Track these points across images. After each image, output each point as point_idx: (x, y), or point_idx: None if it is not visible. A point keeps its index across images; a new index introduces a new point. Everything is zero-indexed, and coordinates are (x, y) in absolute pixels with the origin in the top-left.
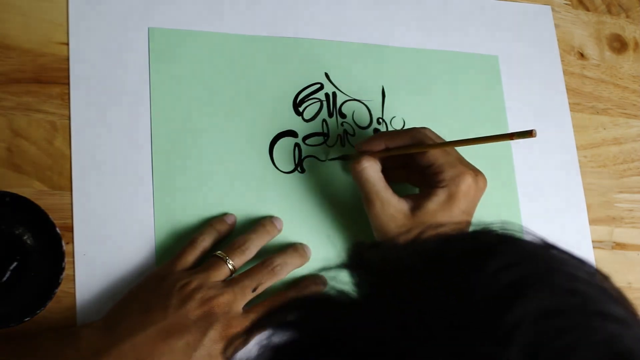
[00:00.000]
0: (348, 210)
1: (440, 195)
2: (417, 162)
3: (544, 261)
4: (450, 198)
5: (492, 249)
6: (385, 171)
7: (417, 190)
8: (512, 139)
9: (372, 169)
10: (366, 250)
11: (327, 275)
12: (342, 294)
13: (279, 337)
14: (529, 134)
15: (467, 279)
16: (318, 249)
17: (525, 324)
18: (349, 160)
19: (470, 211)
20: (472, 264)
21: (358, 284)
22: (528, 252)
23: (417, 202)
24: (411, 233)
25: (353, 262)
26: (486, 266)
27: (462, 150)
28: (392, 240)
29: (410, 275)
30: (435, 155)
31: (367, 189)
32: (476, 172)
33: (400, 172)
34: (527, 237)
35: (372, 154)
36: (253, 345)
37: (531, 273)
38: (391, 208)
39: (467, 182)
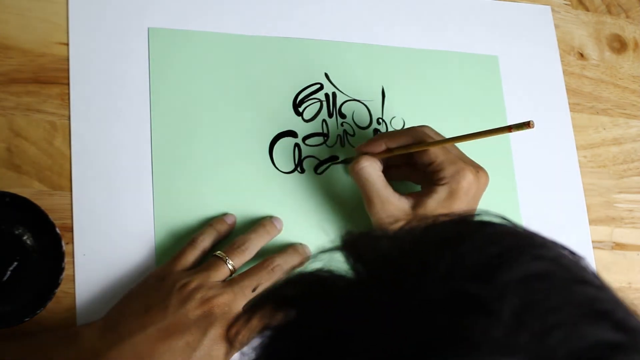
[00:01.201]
0: (348, 210)
1: (440, 193)
2: (417, 160)
3: (525, 238)
4: (451, 195)
5: (476, 230)
6: (388, 170)
7: (419, 188)
8: (510, 131)
9: (371, 167)
10: (357, 237)
11: (323, 257)
12: (337, 274)
13: (278, 317)
14: (526, 125)
15: (456, 253)
16: (318, 249)
17: (514, 285)
18: (348, 165)
19: (473, 208)
20: (457, 243)
21: (352, 266)
22: (509, 231)
23: (417, 200)
24: (398, 223)
25: (346, 246)
26: (473, 242)
27: (462, 148)
28: (381, 229)
29: (399, 257)
30: (436, 153)
31: (366, 188)
32: (477, 169)
33: (403, 170)
34: (507, 223)
35: (372, 155)
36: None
37: (514, 246)
38: (391, 206)
39: (468, 179)
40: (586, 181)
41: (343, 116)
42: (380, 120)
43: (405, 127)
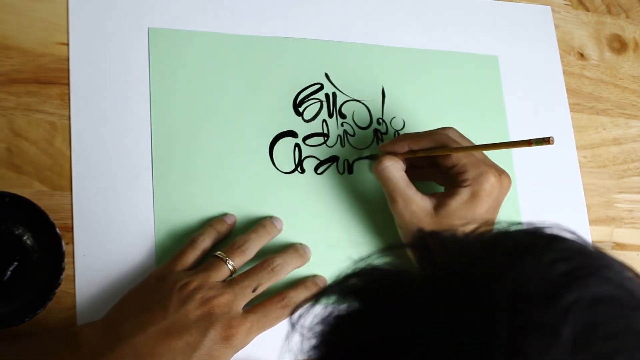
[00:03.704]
0: (348, 210)
1: (463, 195)
2: (441, 163)
3: (594, 257)
4: (474, 197)
5: (548, 243)
6: (412, 169)
7: (442, 189)
8: (530, 146)
9: (393, 167)
10: (428, 236)
11: (391, 254)
12: (405, 271)
13: (343, 306)
14: (545, 141)
15: (525, 266)
16: (318, 249)
17: (579, 307)
18: (373, 161)
19: (494, 210)
20: (530, 254)
21: (420, 264)
22: (580, 248)
23: (440, 201)
24: (468, 227)
25: (416, 244)
26: (543, 257)
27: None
28: (450, 231)
29: (469, 263)
30: (459, 156)
31: (389, 187)
32: (500, 172)
33: (426, 170)
34: (577, 239)
35: (395, 155)
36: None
37: (583, 265)
38: (414, 205)
39: (491, 181)
40: (586, 181)
41: (343, 116)
42: (381, 121)
43: (405, 127)
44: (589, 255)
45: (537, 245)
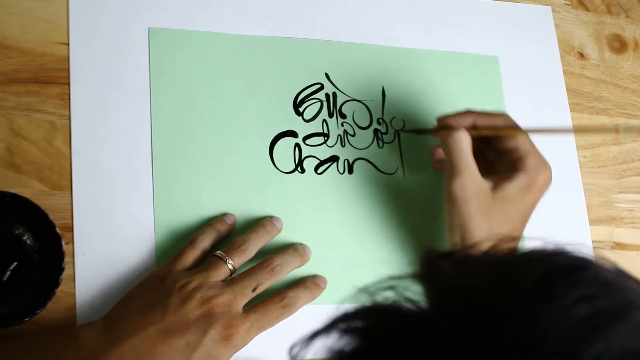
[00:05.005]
0: (348, 210)
1: (521, 179)
2: (502, 145)
3: (620, 293)
4: (529, 185)
5: (569, 276)
6: None
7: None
8: (617, 133)
9: (466, 141)
10: (438, 260)
11: (398, 284)
12: (412, 303)
13: (346, 343)
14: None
15: (543, 307)
16: (318, 249)
17: None
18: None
19: (529, 212)
20: (549, 291)
21: (429, 296)
22: (605, 281)
23: (497, 182)
24: (484, 245)
25: (424, 273)
26: (563, 296)
27: None
28: (464, 251)
29: (484, 292)
30: (524, 141)
31: (459, 158)
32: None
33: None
34: (601, 263)
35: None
36: (319, 348)
37: (609, 307)
38: (475, 183)
39: (547, 174)
40: (586, 181)
41: (343, 116)
42: (381, 121)
43: (406, 127)
44: (614, 289)
45: (556, 281)
